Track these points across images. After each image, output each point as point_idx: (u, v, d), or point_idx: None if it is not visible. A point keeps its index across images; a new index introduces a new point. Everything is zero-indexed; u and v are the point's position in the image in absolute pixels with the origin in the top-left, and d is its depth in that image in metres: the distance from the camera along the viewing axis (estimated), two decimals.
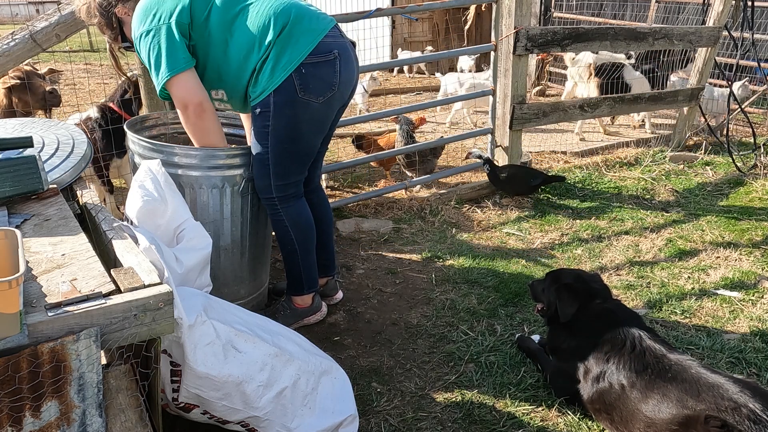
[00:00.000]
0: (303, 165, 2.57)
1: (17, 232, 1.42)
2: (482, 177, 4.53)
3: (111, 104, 3.60)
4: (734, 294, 3.06)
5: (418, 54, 6.53)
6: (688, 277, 3.25)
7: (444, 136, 5.72)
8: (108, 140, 3.48)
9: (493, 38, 4.30)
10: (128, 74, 3.37)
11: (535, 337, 2.63)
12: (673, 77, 6.37)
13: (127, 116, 3.46)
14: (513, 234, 3.83)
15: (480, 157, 4.31)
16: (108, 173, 3.62)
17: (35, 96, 3.64)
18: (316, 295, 2.80)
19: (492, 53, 4.36)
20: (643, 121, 6.48)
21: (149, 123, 2.81)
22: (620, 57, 6.46)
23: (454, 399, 2.33)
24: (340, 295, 3.01)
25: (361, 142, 4.80)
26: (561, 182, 4.51)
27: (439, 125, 6.56)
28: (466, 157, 4.58)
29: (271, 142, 2.43)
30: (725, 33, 5.11)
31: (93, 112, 3.57)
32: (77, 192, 2.28)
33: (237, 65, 2.37)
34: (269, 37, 2.31)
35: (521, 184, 4.31)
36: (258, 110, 2.40)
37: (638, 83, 6.04)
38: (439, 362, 2.55)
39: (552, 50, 5.01)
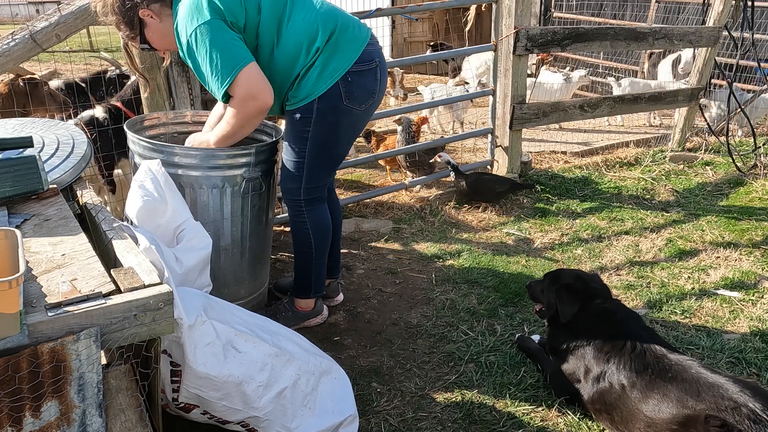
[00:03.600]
0: (333, 170, 2.66)
1: (17, 232, 1.42)
2: None
3: (118, 103, 3.60)
4: (734, 294, 3.06)
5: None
6: (688, 277, 3.25)
7: (444, 136, 5.72)
8: (116, 139, 3.46)
9: (493, 38, 4.30)
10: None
11: (535, 337, 2.63)
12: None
13: (134, 116, 3.45)
14: (513, 234, 3.83)
15: (449, 162, 4.24)
16: (112, 173, 3.62)
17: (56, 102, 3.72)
18: (319, 298, 2.81)
19: (492, 53, 4.36)
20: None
21: (149, 123, 2.81)
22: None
23: (454, 399, 2.33)
24: (341, 297, 3.01)
25: (369, 137, 4.83)
26: (530, 189, 4.37)
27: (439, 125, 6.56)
28: (433, 160, 4.55)
29: (309, 147, 2.45)
30: (725, 33, 5.11)
31: (99, 111, 3.56)
32: (77, 192, 2.28)
33: (282, 69, 2.36)
34: (317, 44, 2.33)
35: (486, 192, 4.18)
36: (298, 115, 2.41)
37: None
38: (439, 362, 2.55)
39: (552, 50, 5.01)
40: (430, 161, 4.45)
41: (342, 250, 3.41)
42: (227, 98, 2.29)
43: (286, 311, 2.76)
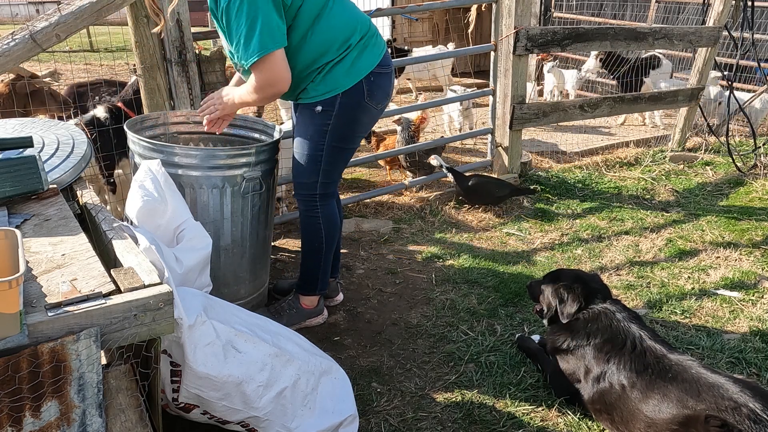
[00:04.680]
0: (346, 164, 2.68)
1: (17, 232, 1.42)
2: None
3: (119, 103, 3.60)
4: (734, 294, 3.06)
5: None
6: (688, 277, 3.25)
7: (444, 136, 5.72)
8: (117, 139, 3.46)
9: (493, 38, 4.30)
10: (163, 18, 3.08)
11: (535, 337, 2.63)
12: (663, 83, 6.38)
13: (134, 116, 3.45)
14: (513, 234, 3.83)
15: (441, 166, 4.23)
16: (113, 173, 3.62)
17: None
18: (321, 297, 2.81)
19: (492, 53, 4.36)
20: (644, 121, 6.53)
21: (149, 123, 2.81)
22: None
23: (454, 399, 2.33)
24: (340, 296, 3.01)
25: (369, 137, 4.82)
26: (531, 194, 4.34)
27: (438, 126, 6.56)
28: (428, 161, 4.55)
29: (328, 141, 2.48)
30: (725, 33, 5.11)
31: (100, 111, 3.56)
32: (77, 192, 2.28)
33: (309, 57, 2.36)
34: (351, 41, 2.39)
35: (486, 195, 4.17)
36: (320, 108, 2.43)
37: None
38: (439, 362, 2.55)
39: (552, 50, 5.01)
40: (430, 160, 4.45)
41: (342, 250, 3.40)
42: (245, 69, 2.29)
43: (290, 308, 2.76)
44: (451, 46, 8.34)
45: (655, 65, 6.51)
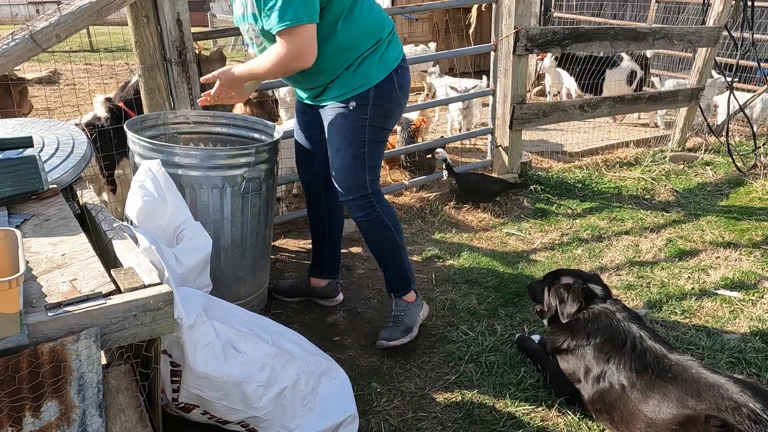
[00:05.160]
0: (381, 159, 2.62)
1: (17, 232, 1.42)
2: None
3: (120, 103, 3.59)
4: (734, 294, 3.06)
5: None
6: (688, 277, 3.25)
7: (444, 136, 5.72)
8: (117, 139, 3.46)
9: (493, 38, 4.30)
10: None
11: (535, 337, 2.63)
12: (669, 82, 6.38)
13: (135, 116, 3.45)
14: (513, 234, 3.83)
15: (445, 160, 4.23)
16: (113, 172, 3.61)
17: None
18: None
19: (492, 53, 4.36)
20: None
21: (149, 123, 2.81)
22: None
23: (454, 399, 2.33)
24: (340, 296, 3.01)
25: None
26: (525, 189, 4.37)
27: (439, 125, 6.56)
28: (431, 156, 4.55)
29: (368, 134, 2.44)
30: (725, 33, 5.11)
31: (101, 111, 3.55)
32: (77, 192, 2.28)
33: (338, 50, 2.32)
34: (381, 34, 2.39)
35: (479, 192, 4.18)
36: (353, 104, 2.39)
37: None
38: (439, 362, 2.55)
39: (552, 50, 5.01)
40: (428, 156, 4.44)
41: (342, 250, 3.40)
42: (269, 37, 2.23)
43: (404, 310, 2.66)
44: (432, 46, 8.33)
45: (612, 64, 6.50)
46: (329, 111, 2.45)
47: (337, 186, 2.52)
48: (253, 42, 2.41)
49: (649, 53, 6.66)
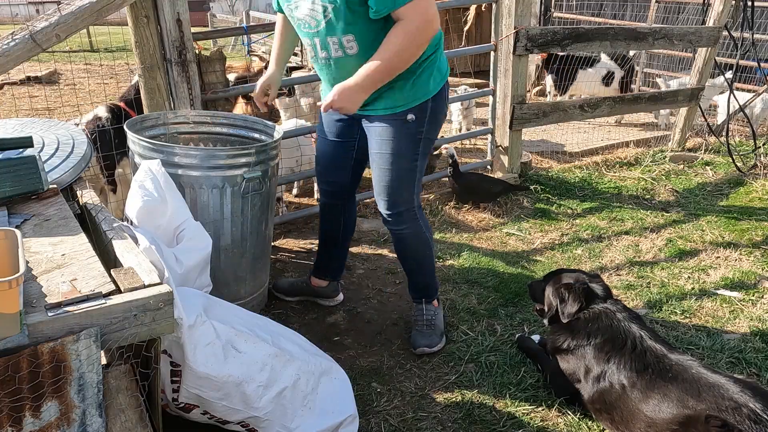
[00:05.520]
0: None
1: (17, 232, 1.42)
2: None
3: (120, 103, 3.59)
4: (734, 294, 3.06)
5: None
6: (688, 277, 3.25)
7: (444, 136, 5.72)
8: (118, 139, 3.45)
9: (493, 38, 4.30)
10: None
11: (535, 337, 2.63)
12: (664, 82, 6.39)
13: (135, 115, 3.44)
14: (513, 234, 3.83)
15: (452, 156, 4.23)
16: (113, 172, 3.61)
17: None
18: None
19: (492, 53, 4.35)
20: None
21: (149, 123, 2.81)
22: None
23: (454, 399, 2.33)
24: (341, 296, 3.01)
25: None
26: (524, 191, 4.37)
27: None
28: (438, 152, 4.53)
29: (421, 149, 2.36)
30: (725, 33, 5.11)
31: (102, 111, 3.55)
32: (77, 192, 2.28)
33: None
34: (439, 42, 2.30)
35: (480, 192, 4.18)
36: (412, 116, 2.27)
37: None
38: (439, 362, 2.55)
39: (552, 50, 5.01)
40: (434, 153, 4.43)
41: None
42: (382, 14, 2.03)
43: (434, 315, 2.66)
44: None
45: (588, 64, 6.51)
46: (380, 122, 2.31)
47: (382, 199, 2.43)
48: (319, 40, 2.19)
49: (630, 53, 6.66)
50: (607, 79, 6.63)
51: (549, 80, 6.93)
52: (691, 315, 2.88)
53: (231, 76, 4.92)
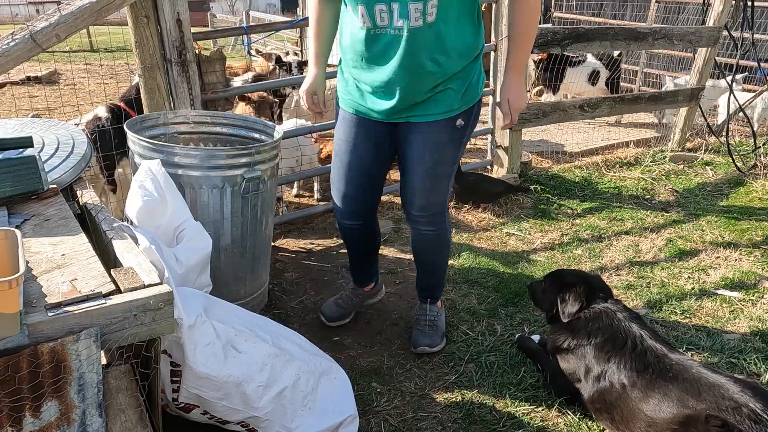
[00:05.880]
0: None
1: (17, 232, 1.42)
2: None
3: (121, 103, 3.59)
4: (734, 294, 3.06)
5: None
6: (688, 277, 3.25)
7: None
8: (118, 139, 3.45)
9: (492, 38, 4.30)
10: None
11: (535, 337, 2.63)
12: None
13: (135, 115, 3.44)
14: (513, 234, 3.83)
15: None
16: (113, 172, 3.61)
17: None
18: None
19: (492, 53, 4.35)
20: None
21: (149, 123, 2.81)
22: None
23: (454, 399, 2.33)
24: (383, 288, 3.02)
25: None
26: (525, 192, 4.37)
27: None
28: None
29: (460, 153, 2.30)
30: (725, 33, 5.11)
31: (102, 111, 3.55)
32: (77, 192, 2.28)
33: (471, 43, 2.07)
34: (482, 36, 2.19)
35: (481, 193, 4.19)
36: (461, 121, 2.16)
37: None
38: (439, 362, 2.55)
39: (552, 50, 5.01)
40: None
41: (342, 250, 3.41)
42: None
43: (437, 316, 2.67)
44: None
45: (575, 63, 6.52)
46: (429, 128, 2.16)
47: (416, 202, 2.33)
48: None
49: (616, 52, 6.67)
50: (593, 78, 6.64)
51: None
52: (691, 315, 2.88)
53: (248, 75, 4.93)
